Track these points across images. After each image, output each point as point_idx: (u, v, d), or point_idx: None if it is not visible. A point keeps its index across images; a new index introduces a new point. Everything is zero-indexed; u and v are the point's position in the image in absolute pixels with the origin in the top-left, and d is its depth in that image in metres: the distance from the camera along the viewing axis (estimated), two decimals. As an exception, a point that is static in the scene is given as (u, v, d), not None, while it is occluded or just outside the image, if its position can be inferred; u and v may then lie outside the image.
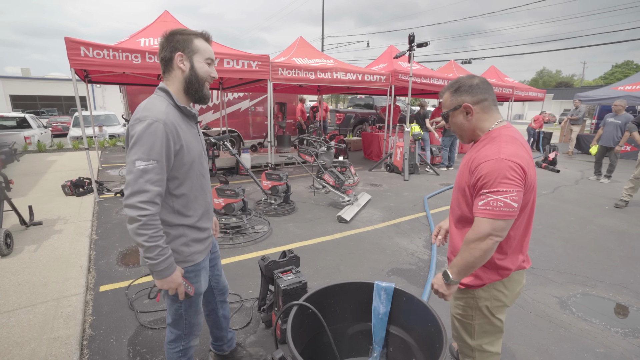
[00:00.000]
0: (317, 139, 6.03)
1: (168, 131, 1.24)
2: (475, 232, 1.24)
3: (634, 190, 5.40)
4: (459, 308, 1.53)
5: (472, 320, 1.48)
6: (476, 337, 1.50)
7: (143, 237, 1.20)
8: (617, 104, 6.93)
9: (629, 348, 2.25)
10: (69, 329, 2.25)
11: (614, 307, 2.75)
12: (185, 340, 1.56)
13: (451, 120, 1.45)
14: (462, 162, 1.46)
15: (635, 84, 10.27)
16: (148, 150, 1.20)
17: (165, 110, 1.28)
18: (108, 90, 23.03)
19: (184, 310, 1.49)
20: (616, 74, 44.12)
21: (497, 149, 1.24)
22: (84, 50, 4.68)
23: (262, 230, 4.17)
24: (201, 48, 1.36)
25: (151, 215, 1.20)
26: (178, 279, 1.32)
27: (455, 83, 1.42)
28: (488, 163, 1.22)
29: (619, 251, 3.80)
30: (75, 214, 4.53)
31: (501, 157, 1.21)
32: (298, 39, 7.98)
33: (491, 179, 1.20)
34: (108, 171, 7.60)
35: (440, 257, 3.52)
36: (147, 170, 1.19)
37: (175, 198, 1.36)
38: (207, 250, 1.55)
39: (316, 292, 1.43)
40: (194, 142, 1.39)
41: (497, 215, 1.19)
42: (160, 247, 1.23)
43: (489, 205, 1.20)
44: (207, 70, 1.37)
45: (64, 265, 3.13)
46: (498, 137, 1.31)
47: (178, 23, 6.60)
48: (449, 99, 1.43)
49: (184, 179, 1.35)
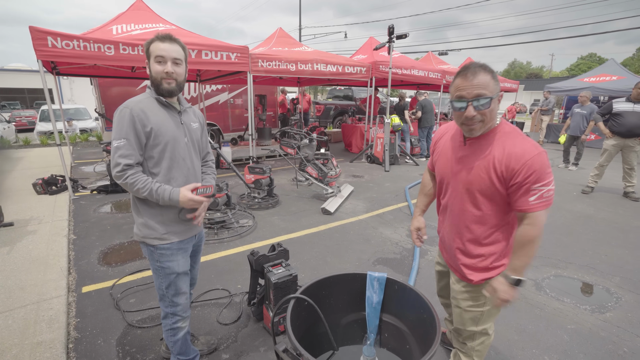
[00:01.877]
0: (299, 132, 6.02)
1: (134, 114, 1.46)
2: (537, 227, 1.25)
3: (598, 177, 5.74)
4: (470, 300, 1.53)
5: (482, 308, 1.51)
6: (482, 323, 1.55)
7: (138, 191, 1.47)
8: (583, 95, 7.31)
9: (596, 323, 2.43)
10: (52, 333, 2.18)
11: (583, 286, 2.95)
12: (172, 319, 1.70)
13: (491, 108, 1.27)
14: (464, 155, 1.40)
15: (599, 76, 10.81)
16: (119, 130, 1.46)
17: (139, 99, 1.52)
18: (76, 83, 21.88)
19: (165, 287, 1.65)
20: (581, 65, 46.21)
21: (530, 144, 1.26)
22: (51, 41, 4.42)
23: (247, 225, 4.15)
24: (152, 50, 1.50)
25: (130, 176, 1.45)
26: (187, 195, 1.52)
27: (488, 67, 1.29)
28: (535, 158, 1.22)
29: (586, 234, 4.05)
30: (50, 213, 4.34)
31: (540, 150, 1.24)
32: (277, 30, 7.86)
33: (542, 173, 1.21)
34: (82, 167, 7.29)
35: (424, 246, 3.64)
36: (119, 147, 1.45)
37: (154, 176, 1.55)
38: (186, 233, 1.67)
39: (311, 285, 1.46)
40: (169, 127, 1.55)
41: (550, 203, 1.23)
42: (153, 190, 1.48)
43: (542, 198, 1.22)
44: (158, 70, 1.50)
45: (42, 267, 3.01)
46: (514, 131, 1.32)
47: (151, 11, 6.34)
48: (493, 84, 1.26)
49: (159, 158, 1.54)
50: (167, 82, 1.51)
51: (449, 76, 9.88)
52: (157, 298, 1.72)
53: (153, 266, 1.64)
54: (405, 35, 7.21)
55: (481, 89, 1.23)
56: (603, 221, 4.51)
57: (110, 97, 8.75)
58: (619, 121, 5.22)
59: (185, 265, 1.69)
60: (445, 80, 9.76)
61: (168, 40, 1.49)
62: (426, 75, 9.07)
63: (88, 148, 10.04)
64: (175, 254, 1.63)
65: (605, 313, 2.57)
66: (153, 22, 5.93)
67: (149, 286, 2.82)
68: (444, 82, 9.74)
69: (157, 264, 1.61)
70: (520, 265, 1.29)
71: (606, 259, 3.43)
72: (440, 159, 1.55)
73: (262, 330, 2.33)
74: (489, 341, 1.63)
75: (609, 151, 5.50)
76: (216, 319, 2.44)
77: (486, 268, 1.45)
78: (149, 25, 5.75)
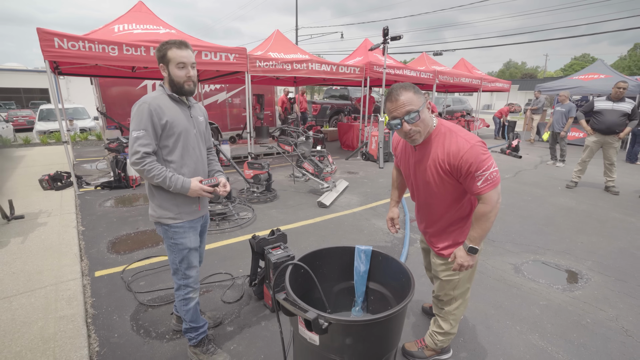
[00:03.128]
0: (296, 130, 6.25)
1: (152, 109, 1.66)
2: (489, 204, 1.47)
3: (581, 172, 6.03)
4: (446, 271, 1.79)
5: (458, 276, 1.76)
6: (459, 287, 1.80)
7: (153, 177, 1.67)
8: (562, 94, 7.65)
9: (565, 300, 2.69)
10: (72, 309, 2.40)
11: (558, 269, 3.20)
12: (184, 291, 1.91)
13: (423, 118, 1.49)
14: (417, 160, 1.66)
15: (588, 74, 11.14)
16: (138, 122, 1.65)
17: (155, 95, 1.73)
18: (73, 82, 21.92)
19: (178, 262, 1.86)
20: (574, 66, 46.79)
21: (463, 139, 1.48)
22: (58, 42, 4.63)
23: (246, 217, 4.38)
24: (171, 56, 1.70)
25: (148, 163, 1.65)
26: (196, 186, 1.76)
27: (409, 85, 1.49)
28: (469, 152, 1.44)
29: (566, 224, 4.32)
30: (58, 207, 4.54)
31: (472, 143, 1.45)
32: (275, 32, 8.08)
33: (478, 162, 1.43)
34: (83, 165, 7.47)
35: (413, 235, 3.88)
36: (139, 137, 1.65)
37: (168, 163, 1.76)
38: (197, 214, 1.90)
39: (306, 255, 1.69)
40: (181, 120, 1.77)
41: (496, 183, 1.45)
42: (167, 177, 1.69)
43: (487, 180, 1.44)
44: (181, 74, 1.72)
45: (56, 254, 3.22)
46: (449, 130, 1.54)
47: (151, 14, 6.55)
48: (416, 98, 1.46)
49: (173, 147, 1.76)
50: (188, 84, 1.74)
51: (442, 76, 10.16)
52: (171, 273, 1.94)
53: (167, 243, 1.85)
54: (400, 36, 7.46)
55: (407, 105, 1.44)
56: (583, 212, 4.78)
57: (111, 97, 8.94)
58: (599, 119, 5.50)
59: (196, 242, 1.91)
60: (437, 80, 10.03)
61: (185, 47, 1.71)
62: (418, 75, 9.34)
63: (88, 147, 10.20)
64: (187, 231, 1.84)
65: (574, 291, 2.82)
66: (154, 24, 6.14)
67: (157, 271, 3.04)
68: (436, 81, 10.01)
69: (172, 241, 1.83)
70: (475, 237, 1.55)
71: (582, 246, 3.69)
72: (402, 163, 1.83)
73: (263, 307, 2.56)
74: (464, 306, 1.89)
75: (590, 147, 5.78)
76: (220, 298, 2.67)
77: (454, 244, 1.76)
78: (150, 27, 5.96)
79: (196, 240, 1.92)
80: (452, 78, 10.62)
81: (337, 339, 1.29)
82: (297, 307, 1.27)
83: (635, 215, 4.69)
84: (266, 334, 2.27)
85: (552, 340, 2.24)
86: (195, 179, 1.78)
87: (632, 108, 5.31)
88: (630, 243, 3.78)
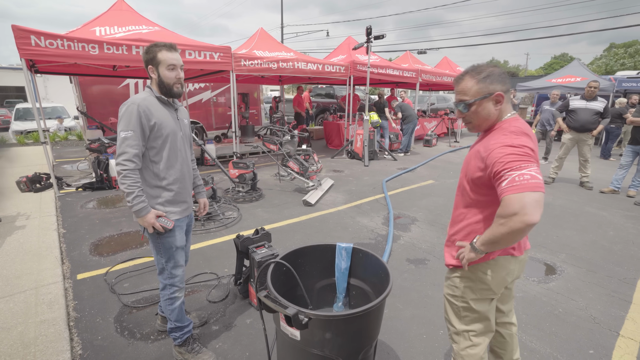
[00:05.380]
0: (281, 128, 6.26)
1: (140, 110, 1.68)
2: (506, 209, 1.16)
3: (558, 168, 6.25)
4: (449, 288, 1.53)
5: (457, 302, 1.49)
6: (463, 321, 1.49)
7: (124, 185, 1.66)
8: (555, 93, 7.92)
9: (540, 291, 2.81)
10: (53, 313, 2.38)
11: (533, 262, 3.34)
12: (170, 290, 1.93)
13: (476, 110, 1.36)
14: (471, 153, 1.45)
15: (565, 77, 11.54)
16: (127, 123, 1.66)
17: (143, 97, 1.73)
18: (51, 81, 21.24)
19: (164, 261, 1.89)
20: (554, 65, 48.05)
21: (505, 137, 1.26)
22: (34, 40, 4.51)
23: (232, 216, 4.38)
24: (161, 58, 1.73)
25: (130, 170, 1.65)
26: (151, 219, 1.73)
27: (481, 70, 1.35)
28: (499, 149, 1.24)
29: (542, 219, 4.47)
30: (37, 210, 4.43)
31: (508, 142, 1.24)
32: (259, 31, 8.05)
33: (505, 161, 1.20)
34: (64, 166, 7.29)
35: (397, 232, 3.97)
36: (127, 137, 1.66)
37: (155, 164, 1.79)
38: (183, 213, 1.93)
39: (289, 254, 1.73)
40: (169, 122, 1.80)
41: (521, 188, 1.13)
42: (135, 194, 1.67)
43: (513, 182, 1.15)
44: (171, 76, 1.75)
45: (35, 257, 3.16)
46: (506, 127, 1.32)
47: (133, 11, 6.43)
48: (475, 86, 1.34)
49: (160, 148, 1.78)
50: (177, 86, 1.78)
51: (425, 75, 10.32)
52: (157, 273, 1.95)
53: (154, 243, 1.86)
54: (383, 35, 7.54)
55: (461, 95, 1.38)
56: (559, 207, 4.97)
57: (92, 96, 8.73)
58: (574, 117, 5.72)
59: (182, 241, 1.93)
60: (421, 79, 10.18)
61: (174, 49, 1.75)
62: (401, 74, 9.47)
63: (68, 147, 9.94)
64: (174, 230, 1.86)
65: (549, 283, 2.95)
66: (136, 23, 6.04)
67: (141, 272, 3.02)
68: (420, 80, 10.16)
69: (158, 241, 1.84)
70: (484, 239, 1.28)
71: (557, 239, 3.85)
72: None
73: (248, 306, 2.58)
74: (475, 352, 1.49)
75: (566, 145, 6.00)
76: (206, 298, 2.68)
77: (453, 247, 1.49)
78: (133, 28, 5.86)
79: (182, 239, 1.94)
80: (435, 77, 10.80)
81: (318, 334, 1.34)
82: (277, 303, 1.31)
83: (607, 209, 4.91)
84: (251, 331, 2.30)
85: (526, 329, 2.35)
86: (154, 212, 1.75)
87: (604, 107, 5.54)
88: (601, 236, 3.96)
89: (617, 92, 10.85)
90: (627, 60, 37.36)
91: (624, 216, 4.63)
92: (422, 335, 2.29)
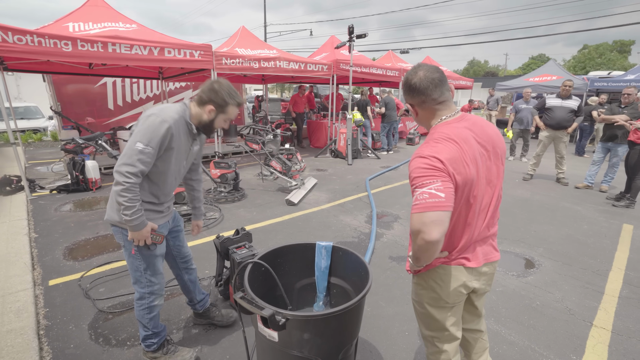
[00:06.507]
0: (264, 128, 6.20)
1: (170, 133, 1.63)
2: (411, 227, 1.17)
3: (536, 165, 6.43)
4: (412, 292, 1.52)
5: (419, 307, 1.47)
6: (428, 327, 1.47)
7: (124, 198, 1.57)
8: (527, 91, 8.07)
9: (519, 285, 2.87)
10: (21, 322, 2.26)
11: (513, 257, 3.41)
12: (148, 299, 1.84)
13: (415, 113, 1.42)
14: None
15: (541, 76, 11.91)
16: (149, 138, 1.58)
17: (175, 117, 1.66)
18: (24, 79, 20.40)
19: (143, 269, 1.80)
20: (532, 65, 49.61)
21: (422, 147, 1.23)
22: (1, 35, 4.29)
23: (213, 217, 4.30)
24: (229, 113, 1.77)
25: (133, 184, 1.57)
26: (146, 233, 1.69)
27: (404, 80, 1.36)
28: (412, 162, 1.23)
29: (521, 215, 4.59)
30: (6, 214, 4.23)
31: (420, 154, 1.20)
32: (240, 29, 7.95)
33: (414, 176, 1.19)
34: (37, 168, 7.00)
35: (379, 230, 3.98)
36: (143, 152, 1.57)
37: (151, 182, 1.74)
38: (163, 219, 1.87)
39: (267, 253, 1.70)
40: (183, 151, 1.78)
41: (421, 208, 1.12)
42: (136, 208, 1.60)
43: (416, 200, 1.15)
44: (222, 125, 1.82)
45: (3, 264, 3.01)
46: (429, 136, 1.30)
47: (109, 7, 6.24)
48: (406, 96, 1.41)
49: (163, 170, 1.73)
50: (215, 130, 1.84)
51: (408, 74, 10.41)
52: (132, 282, 1.85)
53: (129, 250, 1.75)
54: (365, 34, 7.57)
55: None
56: (537, 203, 5.10)
57: (67, 95, 8.44)
58: (550, 115, 5.89)
59: (163, 248, 1.85)
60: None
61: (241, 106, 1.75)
62: (384, 73, 9.53)
63: (42, 148, 9.55)
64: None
65: (527, 277, 3.02)
66: (112, 20, 5.86)
67: (118, 276, 2.92)
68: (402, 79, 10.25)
69: (136, 248, 1.74)
70: (412, 253, 1.28)
71: (534, 234, 3.95)
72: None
73: (229, 307, 2.53)
74: (443, 358, 1.46)
75: (543, 142, 6.17)
76: (185, 301, 2.61)
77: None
78: (109, 24, 5.68)
79: (163, 246, 1.87)
80: (418, 76, 10.90)
81: (296, 335, 1.32)
82: (254, 305, 1.28)
83: (581, 204, 5.07)
84: (232, 334, 2.26)
85: (506, 323, 2.39)
86: (150, 225, 1.72)
87: (578, 105, 5.72)
88: (576, 230, 4.09)
89: (589, 92, 11.26)
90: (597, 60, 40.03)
91: (597, 210, 4.80)
92: (405, 332, 2.30)
